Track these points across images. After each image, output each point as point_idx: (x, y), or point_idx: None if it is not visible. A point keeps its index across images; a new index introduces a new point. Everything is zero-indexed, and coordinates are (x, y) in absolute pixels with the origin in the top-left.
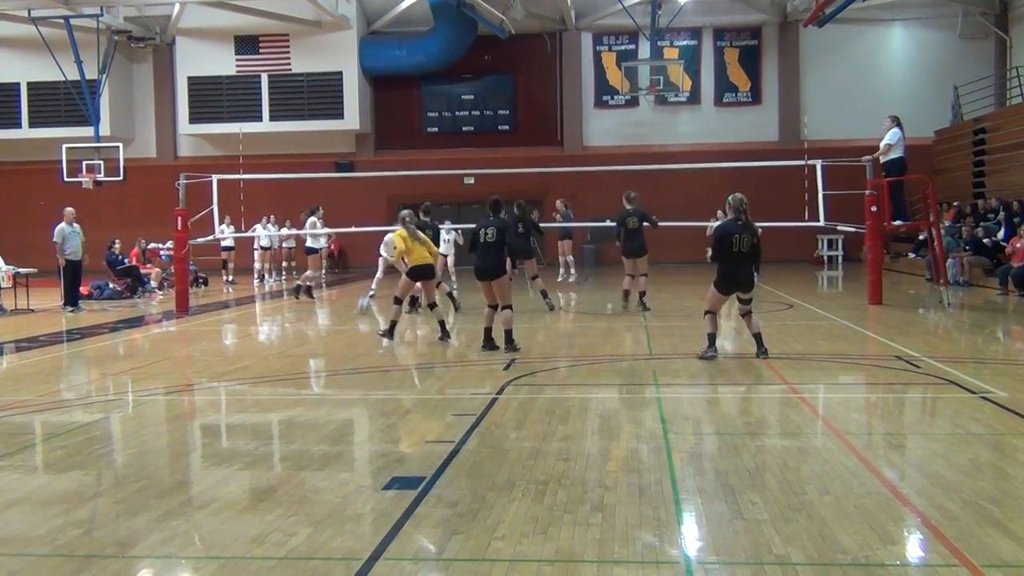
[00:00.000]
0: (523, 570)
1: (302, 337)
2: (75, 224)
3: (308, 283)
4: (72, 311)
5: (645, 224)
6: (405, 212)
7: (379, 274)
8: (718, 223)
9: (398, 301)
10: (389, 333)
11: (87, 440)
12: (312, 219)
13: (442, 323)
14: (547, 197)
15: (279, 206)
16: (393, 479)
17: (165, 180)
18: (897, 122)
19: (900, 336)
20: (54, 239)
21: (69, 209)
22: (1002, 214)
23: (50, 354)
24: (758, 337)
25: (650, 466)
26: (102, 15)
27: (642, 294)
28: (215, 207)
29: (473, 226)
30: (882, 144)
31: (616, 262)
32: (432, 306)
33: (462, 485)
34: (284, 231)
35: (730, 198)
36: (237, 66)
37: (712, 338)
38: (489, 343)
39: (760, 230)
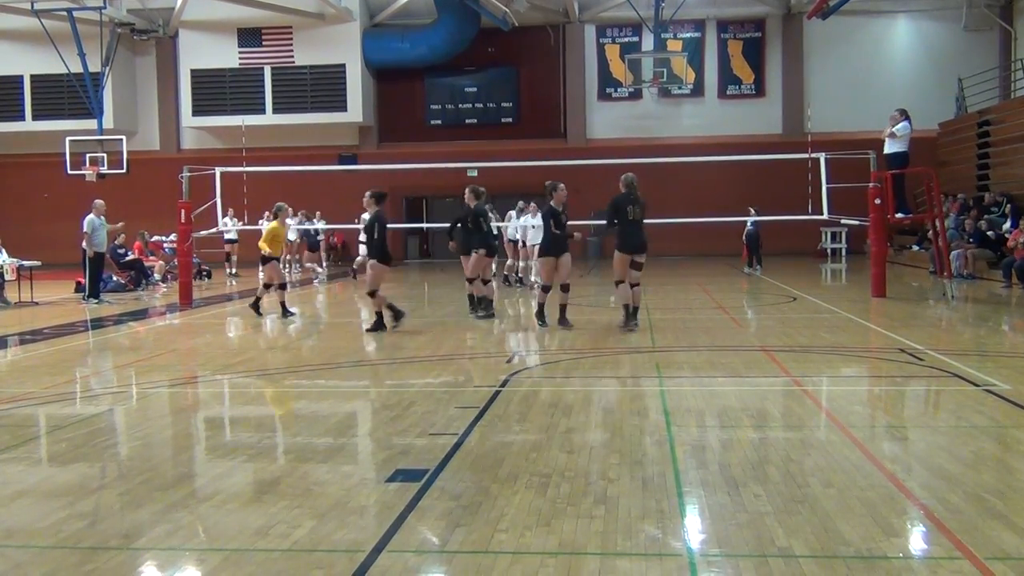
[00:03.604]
0: (526, 562)
1: (305, 330)
2: (103, 216)
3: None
4: (97, 303)
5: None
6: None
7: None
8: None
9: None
10: (382, 324)
11: (91, 432)
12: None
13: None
14: None
15: (282, 199)
16: (397, 471)
17: (168, 173)
18: (906, 115)
19: (903, 329)
20: (84, 229)
21: (99, 201)
22: (1008, 207)
23: (54, 347)
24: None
25: (653, 458)
26: (105, 7)
27: (564, 308)
28: (218, 200)
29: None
30: (890, 130)
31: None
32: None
33: (465, 478)
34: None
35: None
36: (240, 59)
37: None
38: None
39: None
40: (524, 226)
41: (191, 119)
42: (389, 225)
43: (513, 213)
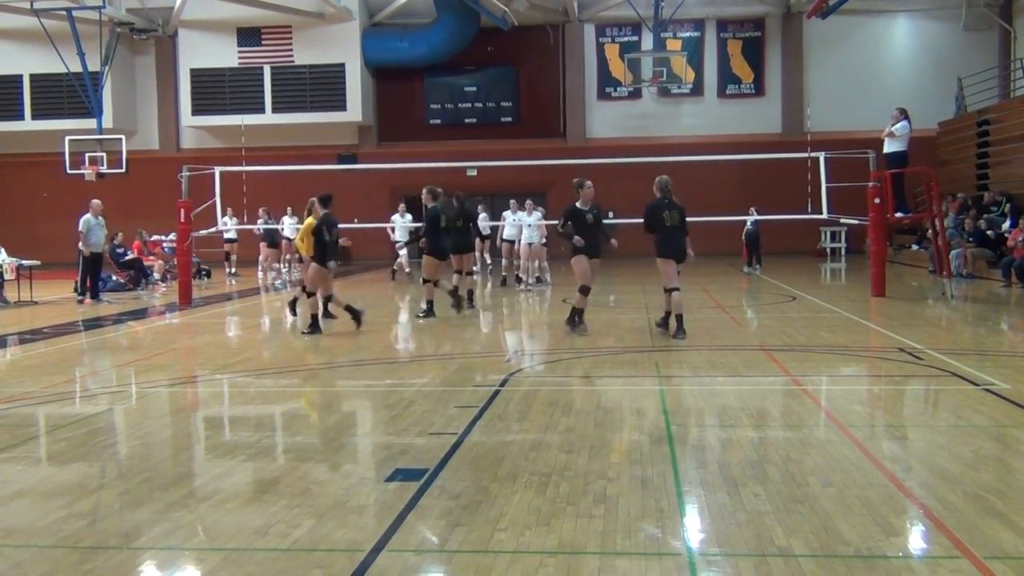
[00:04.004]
0: (526, 562)
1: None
2: (100, 216)
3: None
4: (94, 302)
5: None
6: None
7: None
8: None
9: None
10: (314, 326)
11: (91, 432)
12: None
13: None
14: (550, 189)
15: (281, 198)
16: (396, 471)
17: (167, 172)
18: (905, 115)
19: (903, 328)
20: (79, 228)
21: (96, 201)
22: (1007, 206)
23: (54, 346)
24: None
25: (652, 458)
26: (104, 7)
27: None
28: (217, 199)
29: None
30: (889, 129)
31: (616, 254)
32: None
33: (465, 477)
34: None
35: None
36: (239, 58)
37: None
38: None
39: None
40: (513, 225)
41: (190, 118)
42: (386, 225)
43: (507, 212)
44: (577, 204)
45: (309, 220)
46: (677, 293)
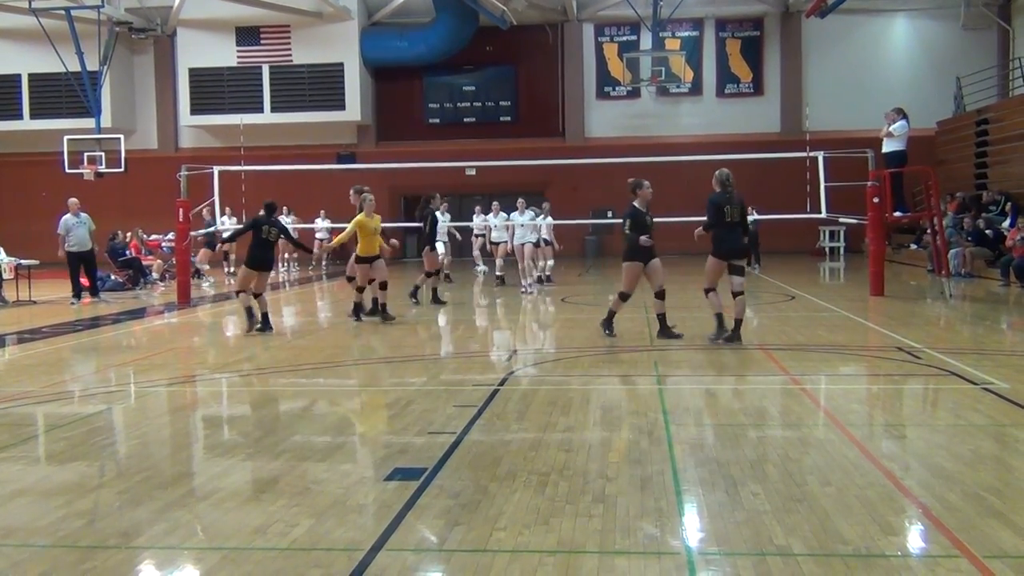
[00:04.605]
0: (525, 561)
1: (304, 328)
2: (82, 214)
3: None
4: (94, 300)
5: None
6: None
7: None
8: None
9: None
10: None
11: (90, 431)
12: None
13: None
14: (548, 188)
15: (280, 198)
16: (395, 470)
17: (166, 171)
18: (903, 114)
19: (902, 327)
20: (58, 231)
21: (72, 200)
22: (1006, 205)
23: (52, 345)
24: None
25: (651, 457)
26: (103, 6)
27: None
28: (216, 198)
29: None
30: (887, 130)
31: (615, 253)
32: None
33: (464, 476)
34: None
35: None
36: (238, 57)
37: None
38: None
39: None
40: (498, 225)
41: (189, 118)
42: (385, 224)
43: (490, 215)
44: (636, 204)
45: (359, 217)
46: (714, 294)
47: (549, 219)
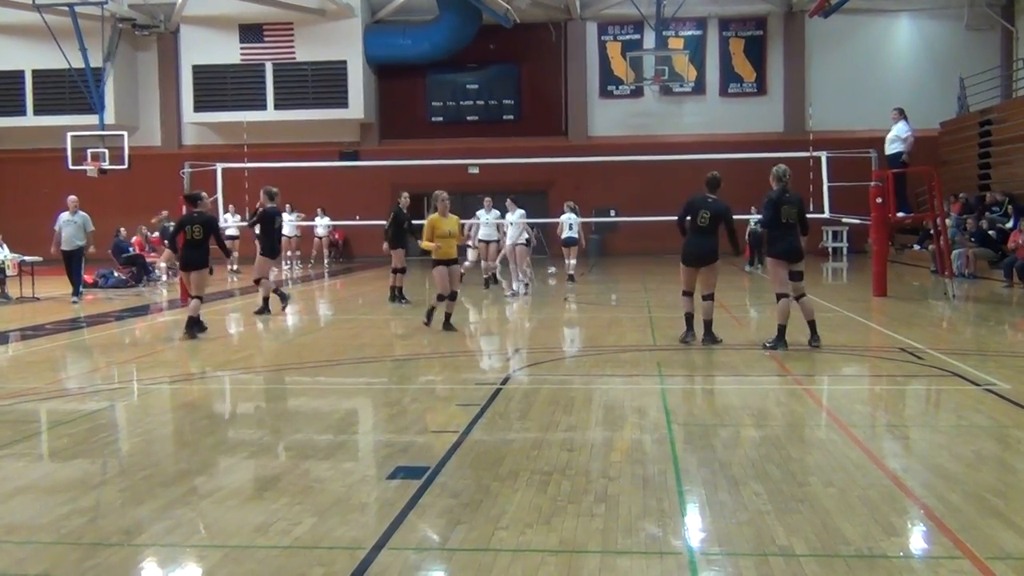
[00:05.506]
0: (527, 560)
1: (307, 326)
2: (79, 212)
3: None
4: (75, 299)
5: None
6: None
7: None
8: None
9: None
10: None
11: (92, 428)
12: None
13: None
14: (551, 187)
15: (283, 195)
16: (397, 469)
17: (169, 168)
18: (903, 115)
19: (904, 328)
20: (55, 227)
21: (72, 198)
22: (1009, 206)
23: (56, 342)
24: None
25: (654, 457)
26: (107, 2)
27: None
28: (219, 196)
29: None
30: (895, 134)
31: (617, 252)
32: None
33: (466, 475)
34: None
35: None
36: (241, 54)
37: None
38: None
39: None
40: (489, 223)
41: (192, 115)
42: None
43: (481, 211)
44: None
45: (433, 216)
46: (785, 301)
47: (515, 215)
